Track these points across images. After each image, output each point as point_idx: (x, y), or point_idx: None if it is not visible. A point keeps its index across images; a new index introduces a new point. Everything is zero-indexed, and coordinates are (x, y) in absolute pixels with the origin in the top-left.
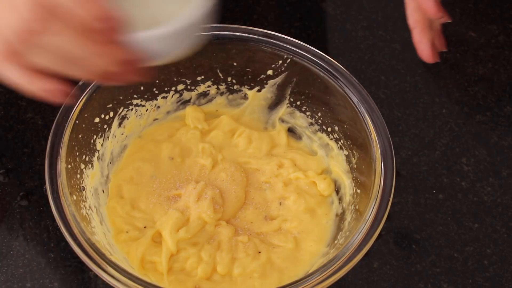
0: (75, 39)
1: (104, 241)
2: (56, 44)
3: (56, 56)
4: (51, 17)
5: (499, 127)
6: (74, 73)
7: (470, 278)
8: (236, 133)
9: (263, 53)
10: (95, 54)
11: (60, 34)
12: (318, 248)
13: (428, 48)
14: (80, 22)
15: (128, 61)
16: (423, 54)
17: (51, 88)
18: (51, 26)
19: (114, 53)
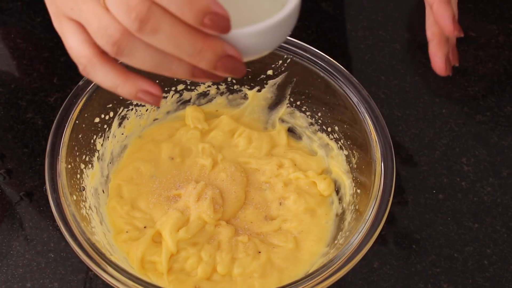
0: (180, 34)
1: (104, 241)
2: (160, 40)
3: (154, 53)
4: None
5: (499, 127)
6: (170, 72)
7: (470, 278)
8: (236, 133)
9: None
10: (199, 50)
11: (166, 30)
12: (318, 248)
13: (442, 61)
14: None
15: (229, 57)
16: (437, 67)
17: (147, 89)
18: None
19: (218, 49)
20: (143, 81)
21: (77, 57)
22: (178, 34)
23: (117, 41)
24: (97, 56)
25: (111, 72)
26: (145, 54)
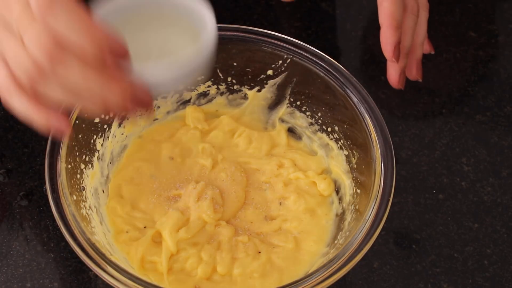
0: (84, 72)
1: (104, 241)
2: (65, 78)
3: (65, 89)
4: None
5: (499, 127)
6: (81, 105)
7: (470, 278)
8: (236, 133)
9: (263, 53)
10: (104, 85)
11: (70, 67)
12: (318, 248)
13: (396, 73)
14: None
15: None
16: (390, 78)
17: (57, 118)
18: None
19: (124, 83)
20: (53, 114)
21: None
22: (87, 71)
23: (31, 75)
24: (14, 87)
25: (25, 101)
26: (57, 88)
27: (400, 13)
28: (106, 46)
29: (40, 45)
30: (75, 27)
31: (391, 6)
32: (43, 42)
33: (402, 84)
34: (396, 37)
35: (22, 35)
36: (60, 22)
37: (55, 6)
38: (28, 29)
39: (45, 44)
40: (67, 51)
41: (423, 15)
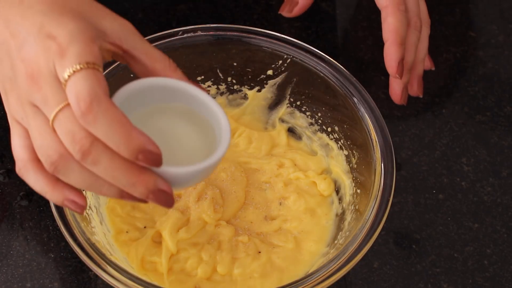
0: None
1: (104, 241)
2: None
3: (87, 181)
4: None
5: (499, 127)
6: (100, 193)
7: (470, 278)
8: (236, 133)
9: (263, 53)
10: (133, 183)
11: (100, 165)
12: (318, 248)
13: (399, 89)
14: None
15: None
16: (393, 93)
17: (73, 199)
18: (92, 159)
19: (150, 183)
20: (70, 191)
21: (16, 157)
22: (115, 168)
23: (54, 162)
24: (32, 162)
25: (41, 179)
26: (78, 177)
27: (404, 29)
28: (142, 154)
29: (74, 140)
30: (114, 132)
31: (396, 22)
32: (78, 138)
33: (404, 100)
34: (400, 53)
35: (54, 121)
36: (99, 124)
37: (95, 109)
38: (62, 119)
39: (80, 140)
40: (101, 149)
41: (425, 31)
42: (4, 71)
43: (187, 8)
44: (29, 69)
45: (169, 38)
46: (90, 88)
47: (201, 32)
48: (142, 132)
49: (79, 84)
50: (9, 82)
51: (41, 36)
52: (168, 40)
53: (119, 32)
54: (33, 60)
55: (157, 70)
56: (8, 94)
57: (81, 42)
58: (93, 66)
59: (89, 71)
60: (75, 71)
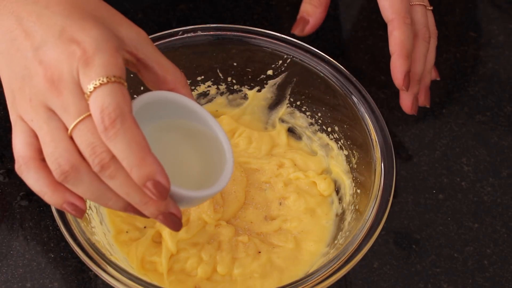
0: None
1: (104, 241)
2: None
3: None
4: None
5: (499, 127)
6: (106, 205)
7: (470, 278)
8: (236, 133)
9: (263, 53)
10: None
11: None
12: (318, 248)
13: (409, 100)
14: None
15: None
16: (403, 104)
17: (74, 202)
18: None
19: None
20: (71, 194)
21: (17, 154)
22: (130, 185)
23: (65, 172)
24: (34, 161)
25: (42, 179)
26: (87, 189)
27: (410, 42)
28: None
29: (95, 153)
30: (130, 152)
31: (401, 35)
32: (99, 151)
33: (415, 110)
34: (406, 66)
35: (73, 130)
36: (118, 142)
37: (118, 125)
38: (83, 130)
39: (101, 154)
40: (120, 164)
41: (432, 42)
42: (15, 69)
43: (187, 8)
44: (48, 72)
45: (169, 38)
46: (116, 104)
47: (201, 32)
48: (157, 160)
49: (105, 98)
50: (21, 81)
51: (63, 39)
52: (168, 40)
53: (135, 40)
54: (54, 64)
55: (167, 81)
56: (16, 93)
57: (106, 52)
58: (119, 80)
59: (115, 85)
60: (101, 84)
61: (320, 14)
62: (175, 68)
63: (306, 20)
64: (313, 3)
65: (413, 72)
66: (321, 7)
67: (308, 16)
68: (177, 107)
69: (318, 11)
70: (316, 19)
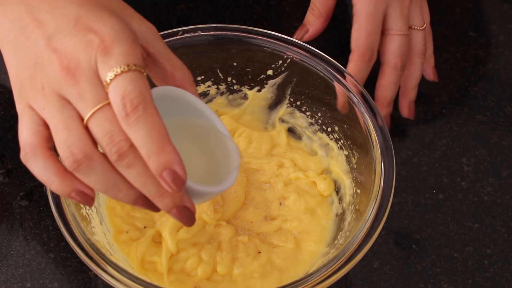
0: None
1: (104, 241)
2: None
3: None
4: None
5: (499, 127)
6: (116, 198)
7: (470, 278)
8: (236, 133)
9: (263, 53)
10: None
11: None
12: (318, 248)
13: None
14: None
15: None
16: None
17: (83, 190)
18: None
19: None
20: (79, 183)
21: (23, 142)
22: (147, 175)
23: (77, 161)
24: (42, 149)
25: (50, 167)
26: (99, 179)
27: (393, 94)
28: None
29: (113, 141)
30: (150, 139)
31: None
32: (117, 139)
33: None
34: (386, 111)
35: (90, 119)
36: (139, 128)
37: (140, 111)
38: (101, 119)
39: (119, 142)
40: (138, 154)
41: (418, 62)
42: (25, 58)
43: (187, 8)
44: (64, 61)
45: (169, 38)
46: (139, 91)
47: (201, 32)
48: (176, 150)
49: (127, 85)
50: (32, 69)
51: (79, 28)
52: (168, 40)
53: (146, 34)
54: (71, 52)
55: (175, 78)
56: (26, 81)
57: (125, 41)
58: (140, 68)
59: (136, 73)
60: (122, 72)
61: (320, 25)
62: (183, 66)
63: (306, 28)
64: (314, 14)
65: (382, 97)
66: (322, 18)
67: (308, 25)
68: (183, 104)
69: (318, 21)
70: (315, 29)
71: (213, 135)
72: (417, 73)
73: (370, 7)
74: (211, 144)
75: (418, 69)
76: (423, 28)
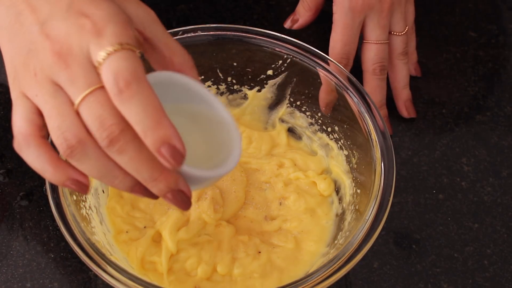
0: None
1: (104, 241)
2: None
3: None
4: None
5: (499, 127)
6: (112, 184)
7: (470, 278)
8: None
9: (263, 53)
10: (155, 178)
11: (131, 154)
12: (318, 248)
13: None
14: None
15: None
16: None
17: (77, 178)
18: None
19: (172, 182)
20: (73, 170)
21: (16, 131)
22: (140, 160)
23: (71, 147)
24: (35, 137)
25: (43, 156)
26: (93, 166)
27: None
28: (166, 146)
29: (103, 126)
30: (146, 115)
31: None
32: (108, 124)
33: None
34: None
35: (80, 104)
36: (133, 104)
37: (133, 87)
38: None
39: (110, 126)
40: (129, 138)
41: (400, 63)
42: (19, 45)
43: (187, 8)
44: (56, 46)
45: None
46: (132, 67)
47: (201, 32)
48: (172, 124)
49: (120, 63)
50: (25, 56)
51: (72, 13)
52: None
53: (142, 18)
54: (63, 37)
55: (174, 63)
56: (20, 68)
57: (118, 23)
58: (132, 48)
59: (129, 52)
60: (115, 50)
61: (309, 17)
62: (183, 50)
63: (296, 18)
64: (304, 6)
65: None
66: (311, 12)
67: (299, 16)
68: (183, 90)
69: (307, 14)
70: (304, 20)
71: (213, 119)
72: (403, 73)
73: (347, 18)
74: (212, 131)
75: (403, 69)
76: (404, 32)
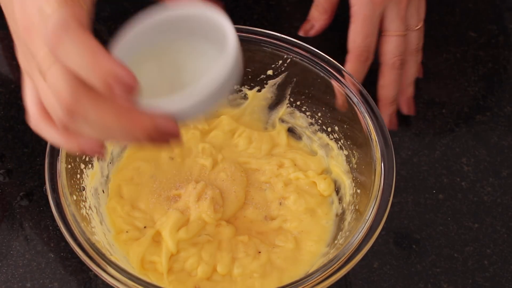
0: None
1: (104, 241)
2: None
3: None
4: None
5: (499, 127)
6: (118, 140)
7: (470, 278)
8: (236, 133)
9: (263, 53)
10: (128, 128)
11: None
12: (318, 248)
13: (386, 119)
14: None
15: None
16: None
17: (88, 145)
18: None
19: (146, 123)
20: (84, 139)
21: (28, 112)
22: (104, 117)
23: (61, 119)
24: (41, 118)
25: (54, 132)
26: (89, 129)
27: (394, 93)
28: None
29: (59, 100)
30: (83, 59)
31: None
32: (62, 97)
33: (395, 126)
34: (391, 110)
35: (46, 80)
36: (69, 53)
37: (64, 38)
38: (50, 78)
39: (64, 99)
40: (85, 102)
41: (412, 60)
42: (11, 23)
43: None
44: (25, 21)
45: None
46: (61, 19)
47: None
48: (111, 58)
49: (53, 17)
50: (14, 35)
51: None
52: None
53: None
54: (29, 9)
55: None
56: (16, 46)
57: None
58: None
59: (68, 8)
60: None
61: (324, 21)
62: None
63: (312, 24)
64: (318, 10)
65: (384, 96)
66: (326, 14)
67: (314, 21)
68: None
69: (323, 17)
70: (320, 25)
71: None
72: (412, 70)
73: (367, 10)
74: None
75: (413, 66)
76: (418, 28)
